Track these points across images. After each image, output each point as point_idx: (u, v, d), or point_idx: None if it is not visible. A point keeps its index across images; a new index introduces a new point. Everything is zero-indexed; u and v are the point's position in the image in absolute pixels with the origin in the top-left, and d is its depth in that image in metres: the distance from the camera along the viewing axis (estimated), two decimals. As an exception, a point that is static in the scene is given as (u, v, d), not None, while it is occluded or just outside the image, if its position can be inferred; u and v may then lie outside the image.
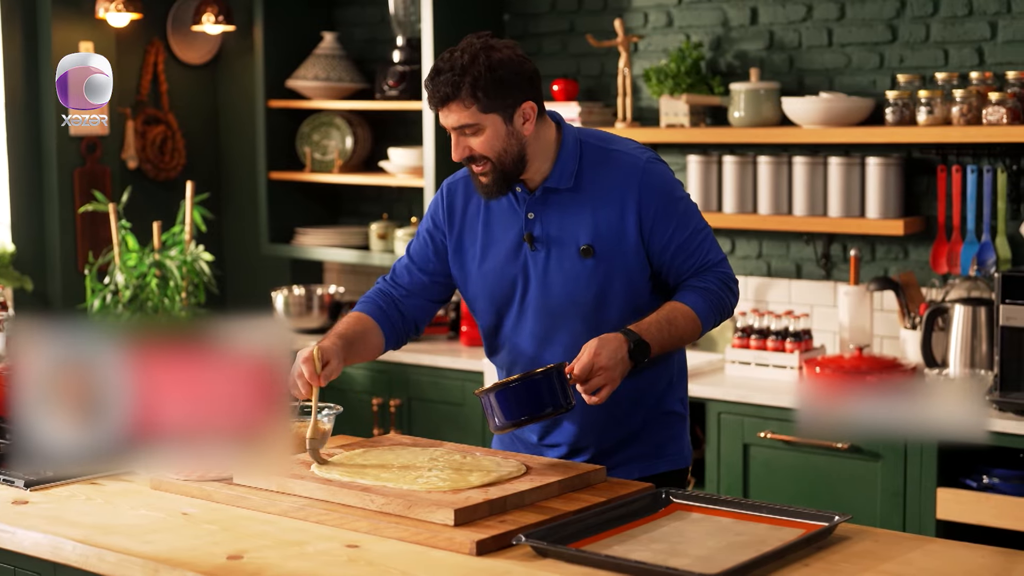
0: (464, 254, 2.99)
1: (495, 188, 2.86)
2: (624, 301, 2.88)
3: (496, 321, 2.99)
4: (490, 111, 2.79)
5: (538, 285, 2.90)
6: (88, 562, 2.40)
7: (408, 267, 3.07)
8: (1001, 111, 4.12)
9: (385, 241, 5.38)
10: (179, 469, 2.74)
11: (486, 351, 3.06)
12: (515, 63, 2.81)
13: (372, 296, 3.07)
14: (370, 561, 2.29)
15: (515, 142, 2.82)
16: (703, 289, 2.89)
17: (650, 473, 2.96)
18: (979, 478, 3.92)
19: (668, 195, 2.88)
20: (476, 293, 2.99)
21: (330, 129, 5.59)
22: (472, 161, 2.84)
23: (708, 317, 2.88)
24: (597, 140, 2.93)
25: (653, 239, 2.86)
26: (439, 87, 2.79)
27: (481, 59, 2.77)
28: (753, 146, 4.72)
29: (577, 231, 2.87)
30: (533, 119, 2.84)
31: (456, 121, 2.80)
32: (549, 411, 2.69)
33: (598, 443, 2.95)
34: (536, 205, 2.90)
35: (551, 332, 2.91)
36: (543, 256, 2.89)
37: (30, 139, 5.39)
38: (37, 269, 5.42)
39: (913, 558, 2.30)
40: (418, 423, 4.95)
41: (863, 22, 4.55)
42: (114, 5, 5.31)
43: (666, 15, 4.92)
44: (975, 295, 4.24)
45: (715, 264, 2.92)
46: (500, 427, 2.72)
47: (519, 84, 2.81)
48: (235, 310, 5.80)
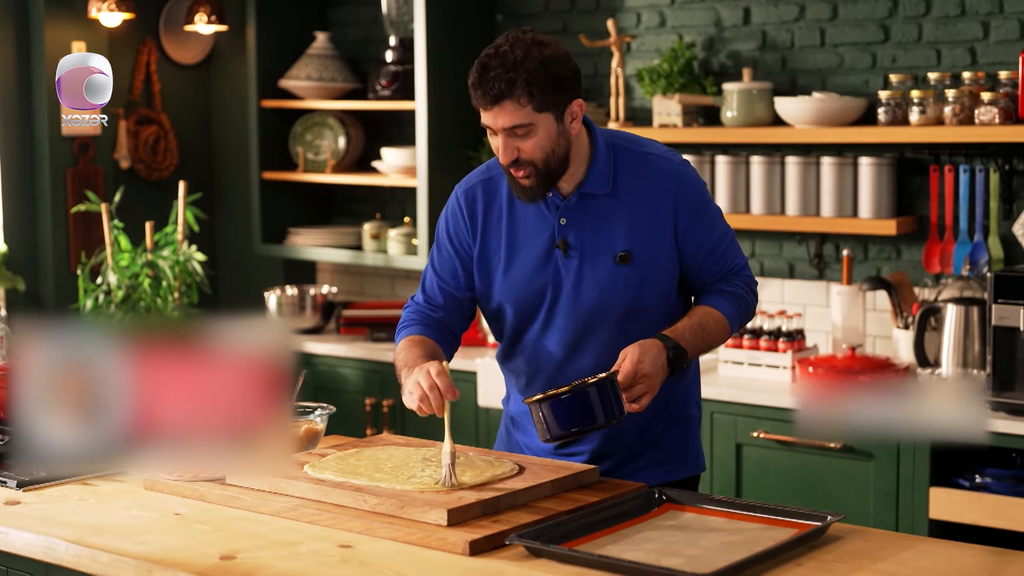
0: (488, 262, 2.88)
1: (539, 190, 2.75)
2: (657, 306, 2.83)
3: (519, 328, 2.90)
4: (544, 110, 2.68)
5: (570, 292, 2.82)
6: (81, 562, 2.40)
7: (440, 286, 2.94)
8: (993, 111, 4.13)
9: (378, 241, 5.38)
10: (172, 469, 2.74)
11: (500, 356, 2.97)
12: (565, 58, 2.70)
13: (416, 319, 2.95)
14: (363, 561, 2.29)
15: (564, 142, 2.73)
16: (731, 294, 2.86)
17: (671, 479, 2.89)
18: (972, 478, 3.93)
19: (700, 199, 2.84)
20: (500, 300, 2.89)
21: (323, 129, 5.59)
22: (516, 164, 2.72)
23: (736, 321, 2.87)
24: (628, 143, 2.85)
25: (687, 243, 2.81)
26: (491, 84, 2.64)
27: (534, 54, 2.65)
28: (746, 146, 4.72)
29: (613, 237, 2.79)
30: (580, 118, 2.75)
31: (509, 121, 2.67)
32: (601, 422, 2.62)
33: (620, 451, 2.90)
34: (570, 211, 2.81)
35: (581, 339, 2.84)
36: (576, 263, 2.81)
37: (22, 139, 5.38)
38: (29, 269, 5.41)
39: (906, 558, 2.30)
40: (411, 423, 4.94)
41: (855, 22, 4.55)
42: (106, 5, 5.30)
43: (659, 15, 4.92)
44: (968, 295, 4.24)
45: (741, 268, 2.90)
46: (552, 438, 2.64)
47: (571, 81, 2.71)
48: (228, 310, 5.80)
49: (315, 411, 2.95)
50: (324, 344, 5.19)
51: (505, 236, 2.86)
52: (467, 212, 2.89)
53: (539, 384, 2.89)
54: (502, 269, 2.86)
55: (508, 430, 3.05)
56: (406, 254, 5.26)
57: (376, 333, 5.15)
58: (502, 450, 3.03)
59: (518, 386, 2.96)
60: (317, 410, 2.95)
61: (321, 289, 5.46)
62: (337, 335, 5.33)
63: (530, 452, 2.95)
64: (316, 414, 2.94)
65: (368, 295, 5.76)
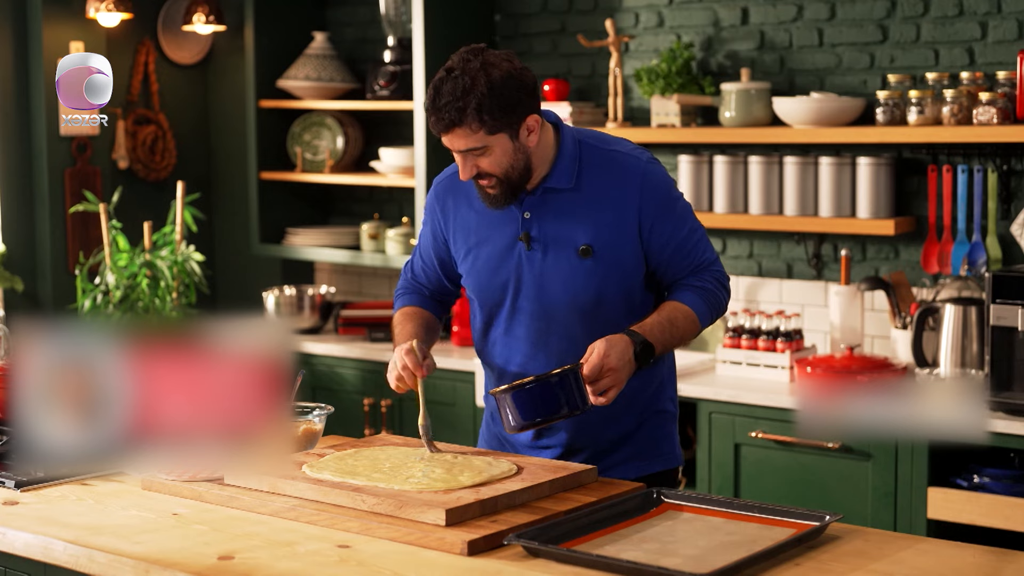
0: (458, 252, 2.98)
1: (503, 199, 2.83)
2: (620, 301, 2.88)
3: (487, 320, 2.98)
4: (496, 131, 2.74)
5: (533, 285, 2.88)
6: (79, 563, 2.40)
7: (424, 268, 3.08)
8: (991, 111, 4.13)
9: (376, 241, 5.38)
10: (170, 469, 2.74)
11: (477, 350, 3.05)
12: (515, 77, 2.74)
13: (408, 288, 3.11)
14: (361, 561, 2.29)
15: (522, 156, 2.79)
16: (700, 288, 2.90)
17: (645, 473, 2.96)
18: (970, 478, 3.93)
19: (667, 195, 2.88)
20: (469, 293, 2.99)
21: (321, 129, 5.59)
22: (480, 178, 2.81)
23: (706, 316, 2.90)
24: (595, 140, 2.91)
25: (652, 239, 2.86)
26: (442, 112, 2.72)
27: (482, 80, 2.70)
28: (744, 146, 4.72)
29: (576, 231, 2.85)
30: (537, 130, 2.80)
31: (463, 145, 2.75)
32: (564, 412, 2.68)
33: (593, 444, 2.95)
34: (534, 205, 2.87)
35: (545, 332, 2.90)
36: (539, 256, 2.88)
37: (21, 139, 5.38)
38: (28, 269, 5.41)
39: (904, 557, 2.30)
40: (409, 423, 4.94)
41: (854, 22, 4.55)
42: (105, 5, 5.30)
43: (657, 15, 4.92)
44: (966, 295, 4.24)
45: (710, 263, 2.93)
46: (515, 428, 2.71)
47: (522, 99, 2.75)
48: (226, 310, 5.80)
49: (313, 411, 2.95)
50: (322, 344, 5.19)
51: (473, 228, 2.95)
52: (440, 205, 3.01)
53: (510, 377, 2.95)
54: (470, 260, 2.95)
55: (487, 425, 3.12)
56: (404, 254, 5.26)
57: (374, 333, 5.14)
58: (484, 443, 3.10)
59: (491, 379, 3.03)
60: (315, 410, 2.95)
61: (319, 289, 5.45)
62: (335, 335, 5.32)
63: (508, 445, 3.02)
64: (314, 414, 2.94)
65: (366, 295, 5.76)
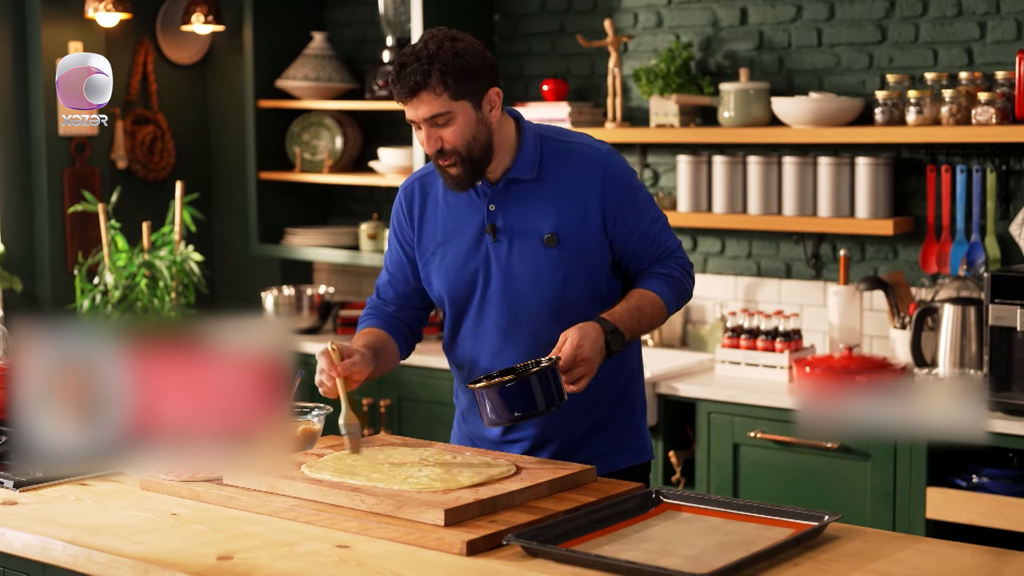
0: (425, 251, 3.00)
1: (465, 179, 2.87)
2: (586, 289, 2.92)
3: (456, 315, 3.00)
4: (460, 98, 2.81)
5: (501, 276, 2.92)
6: (78, 563, 2.40)
7: (390, 281, 3.10)
8: (990, 111, 4.13)
9: (375, 241, 5.38)
10: (169, 470, 2.74)
11: (446, 349, 3.07)
12: (478, 50, 2.84)
13: (371, 313, 3.10)
14: (360, 562, 2.29)
15: (484, 129, 2.85)
16: (666, 276, 2.96)
17: (617, 468, 2.99)
18: (969, 478, 3.93)
19: (628, 186, 2.94)
20: (438, 290, 3.00)
21: (320, 129, 5.59)
22: (441, 155, 2.85)
23: (672, 303, 2.96)
24: (555, 134, 2.98)
25: (617, 229, 2.91)
26: (407, 78, 2.79)
27: (447, 46, 2.80)
28: (743, 146, 4.72)
29: (540, 220, 2.90)
30: (499, 105, 2.87)
31: (427, 112, 2.81)
32: (543, 408, 2.71)
33: (562, 436, 2.97)
34: (498, 196, 2.92)
35: (514, 323, 2.93)
36: (505, 247, 2.91)
37: (19, 139, 5.38)
38: (26, 270, 5.41)
39: (903, 557, 2.30)
40: (408, 423, 4.95)
41: (852, 22, 4.55)
42: (103, 5, 5.29)
43: (656, 15, 4.92)
44: (964, 295, 4.25)
45: (673, 250, 3.00)
46: (493, 423, 2.75)
47: (484, 70, 2.84)
48: (225, 310, 5.80)
49: (312, 411, 2.95)
50: (321, 344, 5.17)
51: (440, 226, 2.98)
52: (406, 207, 3.04)
53: (480, 371, 2.96)
54: (438, 258, 2.98)
55: (459, 424, 3.13)
56: (403, 254, 5.25)
57: (373, 333, 5.14)
58: (457, 442, 3.11)
59: (460, 377, 3.05)
60: (314, 410, 2.95)
61: (318, 289, 5.45)
62: (334, 335, 5.32)
63: (480, 442, 3.03)
64: (313, 414, 2.94)
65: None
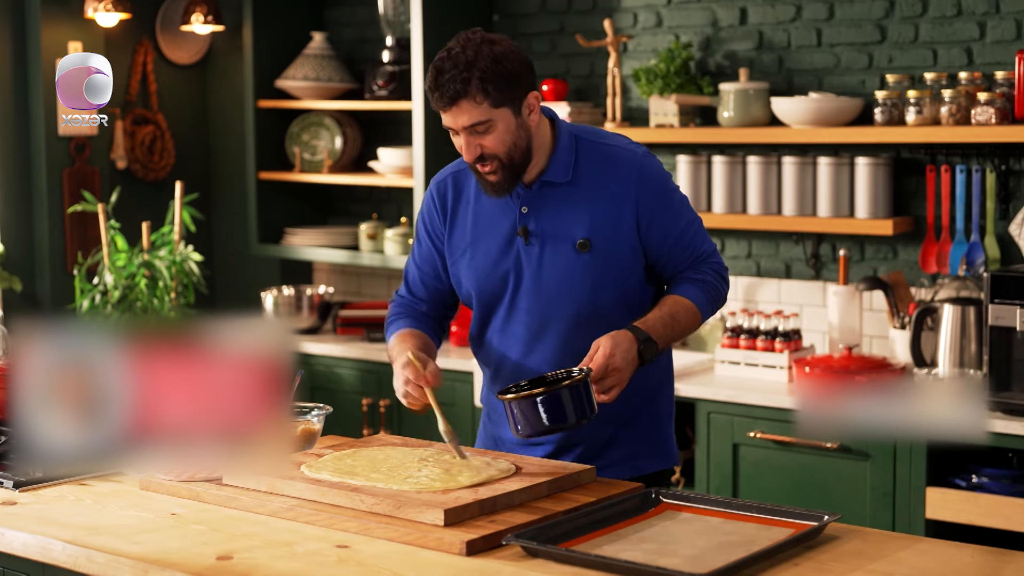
0: (455, 249, 2.96)
1: (504, 185, 2.81)
2: (618, 295, 2.87)
3: (485, 315, 2.96)
4: (501, 105, 2.74)
5: (531, 280, 2.88)
6: (77, 563, 2.40)
7: (421, 277, 3.04)
8: (990, 111, 4.13)
9: (375, 241, 5.38)
10: (168, 470, 2.74)
11: (473, 347, 3.03)
12: (516, 53, 2.77)
13: (402, 312, 3.04)
14: (360, 562, 2.29)
15: (524, 134, 2.79)
16: (700, 281, 2.90)
17: (640, 473, 2.94)
18: (968, 478, 3.93)
19: (664, 188, 2.89)
20: (467, 289, 2.96)
21: (319, 129, 5.59)
22: (481, 161, 2.79)
23: (707, 309, 2.91)
24: (591, 135, 2.92)
25: (651, 233, 2.86)
26: (446, 85, 2.71)
27: (485, 52, 2.71)
28: (742, 146, 4.72)
29: (573, 225, 2.85)
30: (538, 109, 2.81)
31: (468, 120, 2.73)
32: (573, 422, 2.65)
33: (587, 441, 2.93)
34: (531, 199, 2.87)
35: (543, 327, 2.89)
36: (537, 251, 2.87)
37: (19, 139, 5.38)
38: (26, 269, 5.41)
39: (902, 557, 2.30)
40: (407, 423, 4.94)
41: (852, 22, 4.55)
42: (103, 5, 5.29)
43: (655, 15, 4.92)
44: (964, 295, 4.25)
45: (708, 255, 2.94)
46: (521, 435, 2.69)
47: (523, 75, 2.77)
48: (224, 310, 5.80)
49: (312, 411, 2.95)
50: (321, 344, 5.19)
51: (471, 225, 2.93)
52: (439, 203, 2.98)
53: (506, 373, 2.94)
54: (468, 257, 2.94)
55: (485, 424, 3.10)
56: (403, 254, 5.26)
57: (373, 333, 5.14)
58: (482, 442, 3.08)
59: (488, 377, 3.02)
60: (314, 410, 2.95)
61: (318, 289, 5.45)
62: (334, 335, 5.33)
63: (504, 444, 3.00)
64: (313, 414, 2.94)
65: (365, 295, 5.76)
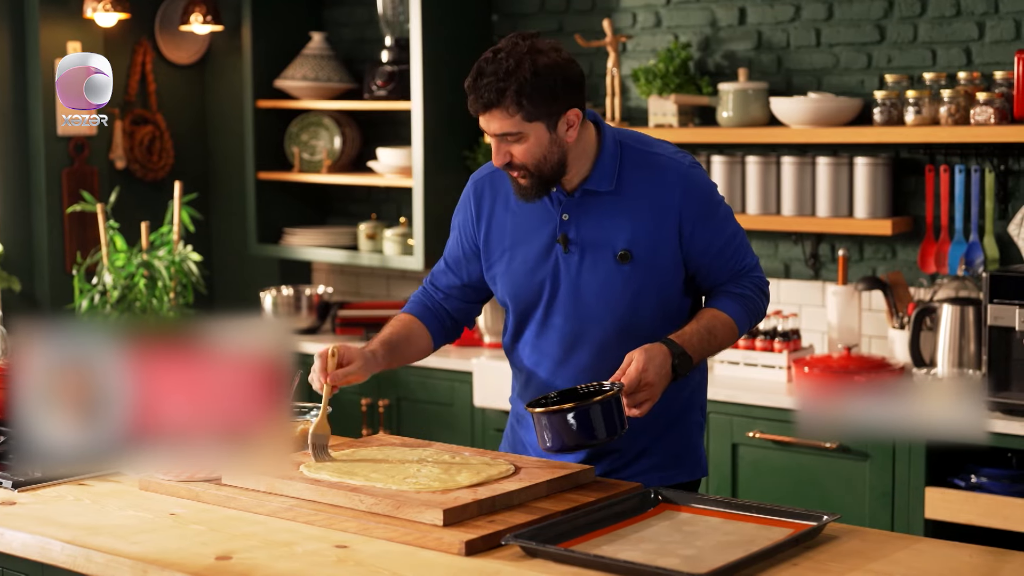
0: (492, 253, 2.91)
1: (534, 192, 2.77)
2: (657, 307, 2.82)
3: (519, 322, 2.91)
4: (534, 119, 2.69)
5: (569, 288, 2.82)
6: (76, 563, 2.40)
7: (445, 271, 3.02)
8: (989, 111, 4.13)
9: (374, 241, 5.38)
10: (167, 470, 2.74)
11: (507, 350, 2.98)
12: (561, 68, 2.70)
13: (415, 299, 3.04)
14: (359, 561, 2.29)
15: (557, 150, 2.73)
16: (740, 296, 2.86)
17: (669, 483, 2.87)
18: (967, 478, 3.93)
19: (709, 201, 2.83)
20: (503, 294, 2.92)
21: (318, 129, 5.58)
22: (510, 167, 2.75)
23: (745, 324, 2.86)
24: (637, 142, 2.85)
25: (693, 245, 2.81)
26: (481, 92, 2.67)
27: (527, 64, 2.65)
28: (741, 146, 4.73)
29: (615, 235, 2.79)
30: (577, 126, 2.74)
31: (498, 128, 2.70)
32: (603, 438, 2.62)
33: (618, 452, 2.88)
34: (573, 207, 2.81)
35: (579, 337, 2.84)
36: (576, 259, 2.82)
37: (18, 139, 5.37)
38: (25, 270, 5.41)
39: (901, 557, 2.30)
40: (407, 423, 4.94)
41: (851, 22, 4.55)
42: (102, 5, 5.29)
43: (654, 15, 4.92)
44: (963, 295, 4.25)
45: (750, 268, 2.89)
46: (550, 449, 2.65)
47: (565, 91, 2.70)
48: (224, 311, 5.80)
49: (312, 411, 2.95)
50: (320, 344, 5.18)
51: (509, 229, 2.88)
52: (475, 202, 2.94)
53: (538, 381, 2.89)
54: (505, 261, 2.89)
55: (513, 427, 3.04)
56: (402, 254, 5.26)
57: (371, 333, 5.14)
58: (508, 446, 3.04)
59: (519, 383, 2.97)
60: (313, 410, 2.95)
61: (317, 289, 5.45)
62: (333, 335, 5.32)
63: (533, 450, 2.94)
64: (312, 414, 2.94)
65: (364, 295, 5.76)
